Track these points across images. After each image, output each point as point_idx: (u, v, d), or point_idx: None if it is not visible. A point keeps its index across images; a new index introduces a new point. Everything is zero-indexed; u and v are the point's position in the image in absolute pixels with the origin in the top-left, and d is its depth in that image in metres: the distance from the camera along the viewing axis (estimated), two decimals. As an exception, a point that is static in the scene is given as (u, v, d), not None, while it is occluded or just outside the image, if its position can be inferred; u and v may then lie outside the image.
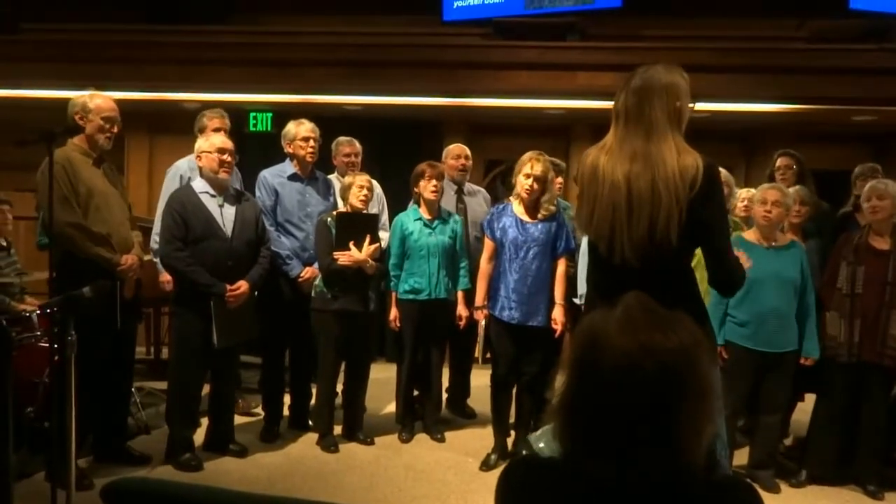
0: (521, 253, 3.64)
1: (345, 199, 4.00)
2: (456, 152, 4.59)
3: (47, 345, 3.58)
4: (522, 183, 3.64)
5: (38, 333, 3.71)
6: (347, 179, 4.02)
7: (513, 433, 3.92)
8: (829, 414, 3.58)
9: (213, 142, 3.67)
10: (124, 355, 3.59)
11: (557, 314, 3.66)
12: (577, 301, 3.74)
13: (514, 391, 3.87)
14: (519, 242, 3.65)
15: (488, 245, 3.77)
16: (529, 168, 3.63)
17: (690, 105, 2.15)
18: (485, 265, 3.79)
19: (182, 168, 4.12)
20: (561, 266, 3.73)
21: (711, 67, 5.36)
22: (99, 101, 3.37)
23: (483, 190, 4.81)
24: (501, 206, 3.81)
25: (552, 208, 3.72)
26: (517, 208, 3.72)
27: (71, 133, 3.29)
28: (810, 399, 3.78)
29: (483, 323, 3.81)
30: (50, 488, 2.74)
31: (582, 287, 3.70)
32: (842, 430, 3.56)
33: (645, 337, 1.04)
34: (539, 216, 3.68)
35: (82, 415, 2.97)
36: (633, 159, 2.07)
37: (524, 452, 3.69)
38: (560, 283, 3.71)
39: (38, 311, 3.81)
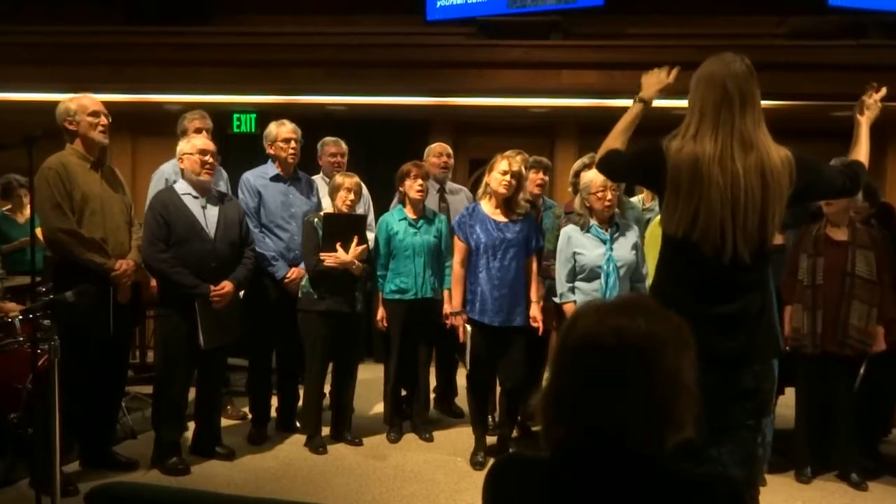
0: (499, 254, 3.64)
1: (333, 199, 4.00)
2: (437, 150, 4.59)
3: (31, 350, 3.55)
4: (500, 180, 3.63)
5: (21, 339, 3.67)
6: (337, 180, 4.00)
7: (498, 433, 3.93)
8: (803, 406, 3.63)
9: (194, 143, 3.66)
10: (117, 360, 3.57)
11: (535, 312, 3.67)
12: (556, 300, 3.76)
13: (498, 392, 3.89)
14: (496, 244, 3.64)
15: (461, 248, 3.74)
16: (507, 165, 3.63)
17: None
18: (458, 269, 3.76)
19: (167, 171, 4.10)
20: (534, 264, 3.74)
21: (693, 65, 5.36)
22: (81, 100, 3.42)
23: (465, 189, 4.80)
24: (471, 208, 3.80)
25: (527, 206, 3.73)
26: (487, 208, 3.72)
27: (51, 136, 3.27)
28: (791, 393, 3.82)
29: (468, 328, 3.77)
30: (34, 494, 2.72)
31: (561, 286, 3.70)
32: (817, 421, 3.60)
33: (613, 317, 1.08)
34: (514, 216, 3.68)
35: (68, 420, 2.95)
36: (744, 150, 2.01)
37: (511, 450, 3.71)
38: (535, 281, 3.72)
39: (21, 316, 3.77)
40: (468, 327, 3.76)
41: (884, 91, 2.34)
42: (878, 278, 3.48)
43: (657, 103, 2.40)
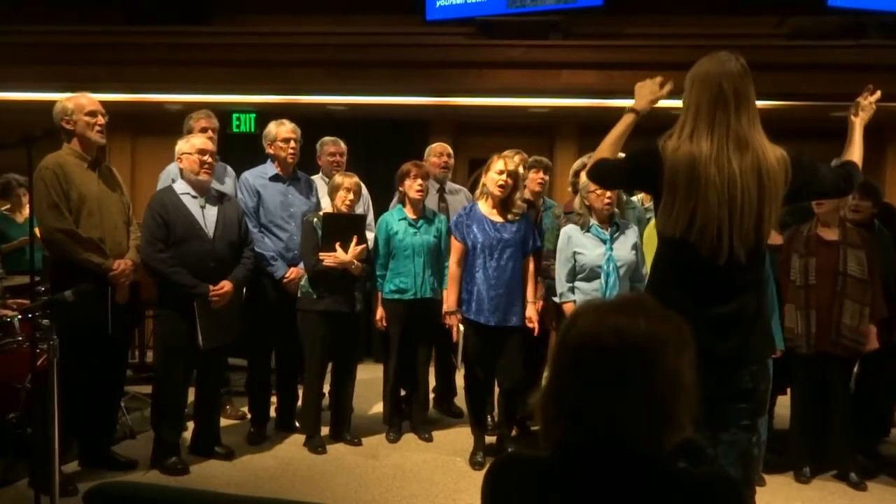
0: (496, 254, 3.64)
1: (332, 199, 3.99)
2: (438, 150, 4.60)
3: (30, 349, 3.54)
4: (496, 179, 3.64)
5: (20, 338, 3.67)
6: (336, 179, 4.00)
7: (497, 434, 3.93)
8: (800, 406, 3.63)
9: (193, 143, 3.66)
10: (116, 360, 3.57)
11: (532, 312, 3.68)
12: (556, 300, 3.76)
13: (497, 393, 3.89)
14: (493, 244, 3.65)
15: (457, 248, 3.75)
16: (503, 164, 3.63)
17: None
18: (454, 268, 3.76)
19: (173, 172, 4.09)
20: (531, 264, 3.74)
21: (692, 65, 5.40)
22: (78, 100, 3.39)
23: (465, 189, 4.80)
24: (468, 208, 3.81)
25: (523, 205, 3.73)
26: (485, 208, 3.72)
27: (50, 135, 3.27)
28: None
29: (461, 328, 3.78)
30: (34, 494, 2.72)
31: (561, 286, 3.71)
32: (814, 421, 3.60)
33: (613, 316, 1.08)
34: (511, 216, 3.69)
35: (67, 420, 2.95)
36: (740, 150, 2.00)
37: (509, 450, 3.71)
38: (531, 281, 3.72)
39: (20, 316, 3.77)
40: (461, 327, 3.76)
41: (878, 94, 2.34)
42: (869, 277, 3.48)
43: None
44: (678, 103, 2.16)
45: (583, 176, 3.82)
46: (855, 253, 3.49)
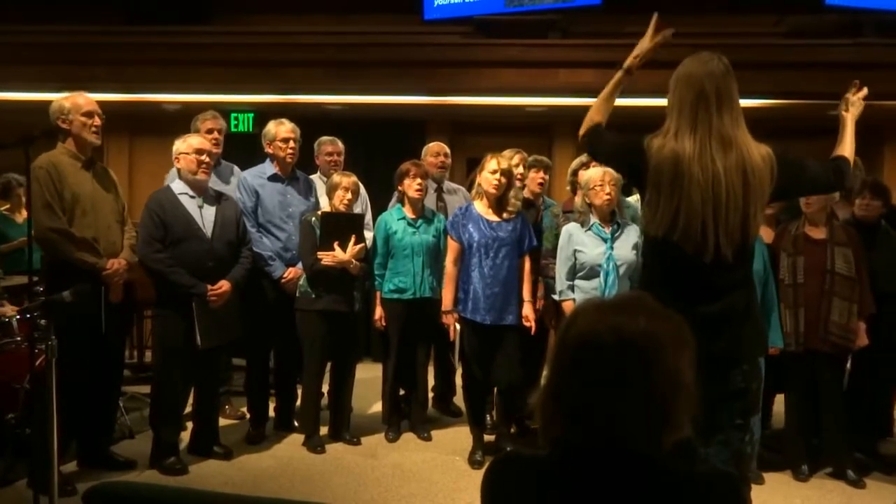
0: (492, 253, 3.65)
1: (330, 198, 3.99)
2: (435, 150, 4.59)
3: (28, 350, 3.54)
4: (489, 179, 3.65)
5: (18, 339, 3.66)
6: (335, 179, 4.00)
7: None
8: (793, 405, 3.64)
9: (190, 143, 3.66)
10: (112, 359, 3.57)
11: (528, 311, 3.69)
12: (555, 297, 3.77)
13: (494, 392, 3.89)
14: (489, 243, 3.65)
15: (454, 247, 3.75)
16: (496, 164, 3.64)
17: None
18: (451, 268, 3.77)
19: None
20: (527, 263, 3.75)
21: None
22: (76, 99, 3.39)
23: (463, 188, 4.80)
24: (464, 207, 3.82)
25: (518, 203, 3.74)
26: (480, 208, 3.73)
27: (49, 135, 3.27)
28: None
29: (458, 327, 3.79)
30: (32, 495, 2.72)
31: (561, 284, 3.72)
32: (808, 419, 3.61)
33: (613, 315, 1.08)
34: (506, 214, 3.70)
35: (65, 420, 2.95)
36: (724, 149, 2.01)
37: (508, 449, 3.71)
38: (528, 280, 3.73)
39: (18, 316, 3.77)
40: (458, 326, 3.77)
41: (865, 90, 2.35)
42: (856, 275, 3.49)
43: (651, 103, 2.41)
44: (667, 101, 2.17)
45: (582, 174, 3.83)
46: (842, 251, 3.51)
